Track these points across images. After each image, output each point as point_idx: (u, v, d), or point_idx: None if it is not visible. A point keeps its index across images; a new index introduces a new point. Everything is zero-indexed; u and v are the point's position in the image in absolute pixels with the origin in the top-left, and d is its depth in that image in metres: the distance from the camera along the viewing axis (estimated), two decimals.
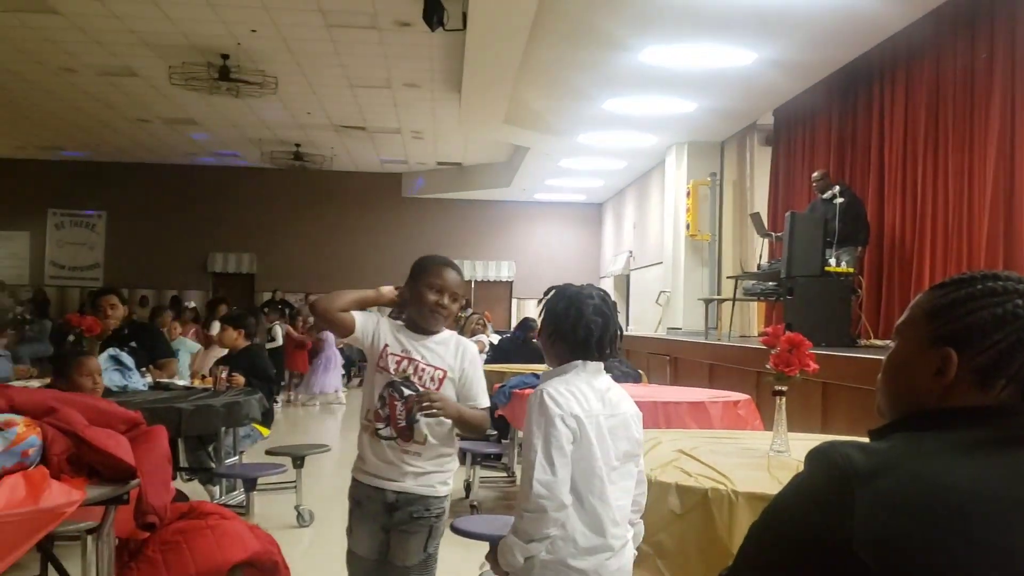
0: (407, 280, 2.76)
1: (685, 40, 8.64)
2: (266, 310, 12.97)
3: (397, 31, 9.79)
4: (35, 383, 4.96)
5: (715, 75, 9.58)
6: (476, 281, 19.88)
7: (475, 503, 6.06)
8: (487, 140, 15.12)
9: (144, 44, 10.63)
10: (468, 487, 6.28)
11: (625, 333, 2.68)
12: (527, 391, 5.97)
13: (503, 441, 7.38)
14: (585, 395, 2.25)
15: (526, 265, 20.03)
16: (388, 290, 2.79)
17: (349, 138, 15.87)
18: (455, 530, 3.60)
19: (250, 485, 5.20)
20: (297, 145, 16.32)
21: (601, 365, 2.34)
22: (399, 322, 2.78)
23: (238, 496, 5.72)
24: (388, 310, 2.98)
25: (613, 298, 2.46)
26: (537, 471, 2.15)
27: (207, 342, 10.88)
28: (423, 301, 2.68)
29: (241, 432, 6.07)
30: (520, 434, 7.48)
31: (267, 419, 6.07)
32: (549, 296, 2.38)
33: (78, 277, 19.27)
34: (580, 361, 2.29)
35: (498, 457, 6.99)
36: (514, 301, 20.18)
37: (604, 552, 2.22)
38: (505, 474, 7.23)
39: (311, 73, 11.68)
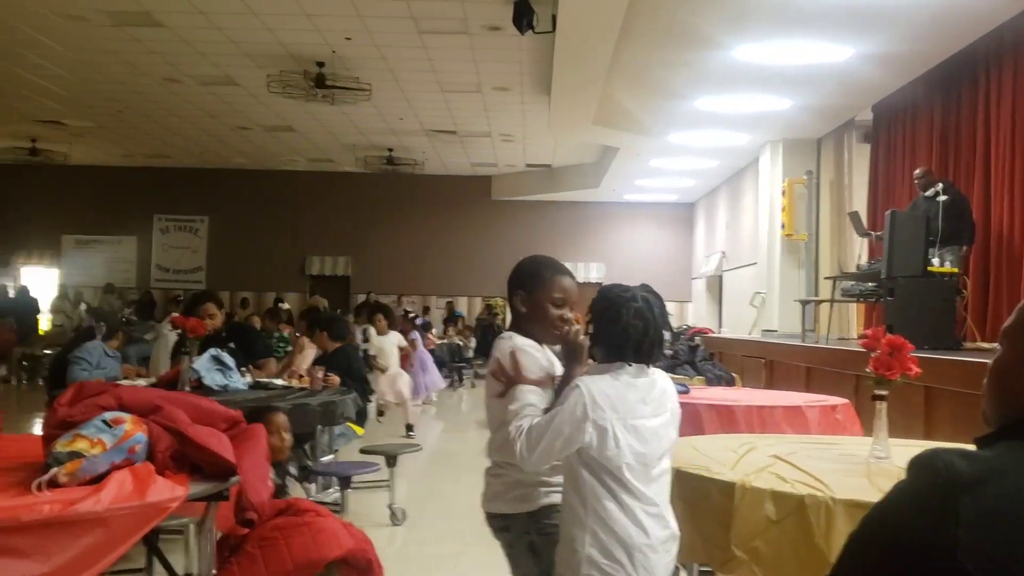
0: (514, 288, 2.59)
1: (779, 36, 8.45)
2: (357, 313, 13.18)
3: (487, 35, 9.87)
4: (141, 382, 5.17)
5: (810, 71, 9.34)
6: None
7: None
8: (576, 141, 15.09)
9: (244, 54, 10.97)
10: None
11: (718, 335, 2.66)
12: None
13: None
14: (624, 398, 2.28)
15: (616, 266, 19.89)
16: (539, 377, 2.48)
17: (440, 142, 16.06)
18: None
19: (345, 483, 5.31)
20: (390, 150, 16.61)
21: (643, 367, 2.35)
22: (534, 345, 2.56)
23: (333, 494, 5.83)
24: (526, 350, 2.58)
25: (662, 301, 2.45)
26: (525, 441, 2.26)
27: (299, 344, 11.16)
28: (547, 317, 2.53)
29: (336, 431, 6.21)
30: None
31: (361, 418, 6.19)
32: (595, 297, 2.40)
33: (182, 280, 20.03)
34: (622, 363, 2.31)
35: None
36: None
37: (647, 548, 2.26)
38: None
39: (403, 79, 11.87)
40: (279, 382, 5.66)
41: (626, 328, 2.30)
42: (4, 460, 2.65)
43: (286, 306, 16.61)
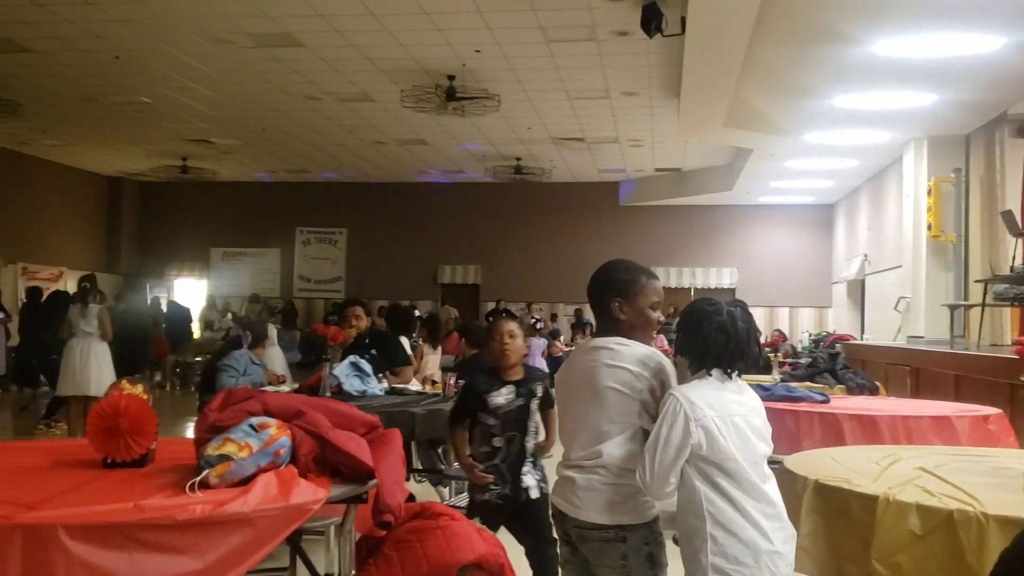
0: (610, 297, 2.64)
1: (922, 29, 8.05)
2: (490, 319, 13.31)
3: (615, 41, 9.83)
4: (284, 388, 5.40)
5: (957, 64, 8.86)
6: (696, 288, 19.50)
7: None
8: (707, 144, 14.83)
9: (379, 70, 11.33)
10: None
11: (860, 342, 2.64)
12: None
13: None
14: (718, 397, 2.42)
15: (750, 271, 19.42)
16: None
17: (567, 149, 16.10)
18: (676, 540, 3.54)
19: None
20: (518, 159, 16.77)
21: (726, 376, 2.48)
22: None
23: (466, 498, 5.92)
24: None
25: (750, 316, 2.58)
26: (642, 467, 2.39)
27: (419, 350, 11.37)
28: (648, 322, 2.64)
29: None
30: None
31: None
32: (683, 309, 2.59)
33: (322, 289, 20.81)
34: (704, 371, 2.47)
35: None
36: None
37: (769, 548, 2.33)
38: None
39: (531, 88, 11.97)
40: (413, 388, 5.80)
41: (707, 340, 2.46)
42: (160, 462, 2.82)
43: (418, 313, 16.98)
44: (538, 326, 14.93)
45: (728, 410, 2.41)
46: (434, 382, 6.21)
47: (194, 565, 2.13)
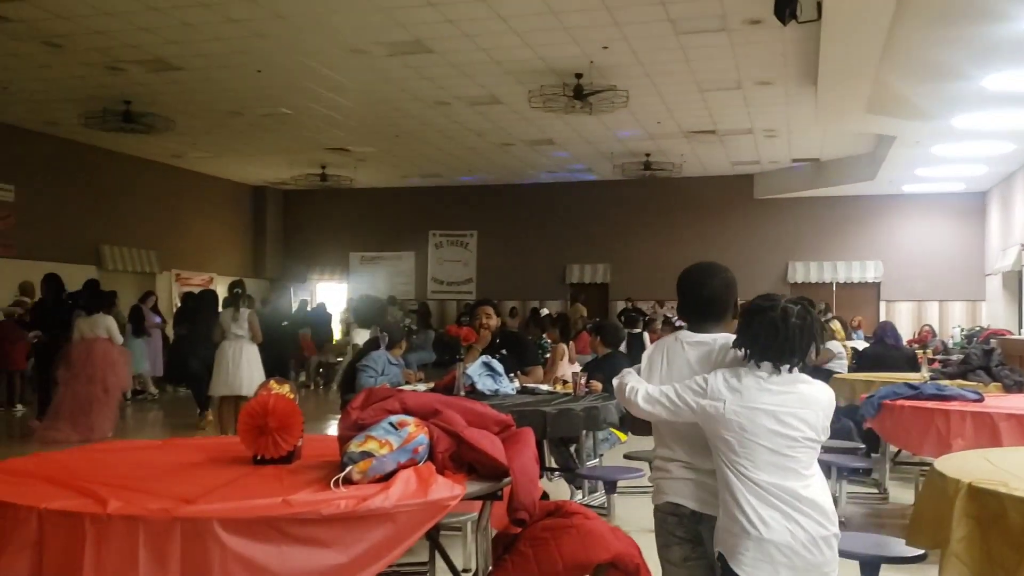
0: (734, 298, 2.95)
1: None
2: (622, 318, 13.27)
3: (747, 30, 9.59)
4: (421, 387, 5.52)
5: None
6: (838, 283, 18.78)
7: (842, 519, 5.71)
8: (847, 132, 14.25)
9: (506, 72, 11.44)
10: (835, 502, 5.93)
11: (1017, 337, 2.53)
12: (899, 402, 5.52)
13: (872, 455, 6.89)
14: (748, 387, 2.63)
15: (895, 264, 18.54)
16: None
17: (699, 143, 15.81)
18: None
19: (610, 488, 5.35)
20: (647, 155, 16.58)
21: (776, 369, 2.67)
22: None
23: (599, 498, 5.91)
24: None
25: (809, 315, 2.71)
26: (646, 392, 2.79)
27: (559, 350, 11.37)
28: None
29: (600, 436, 6.28)
30: (892, 449, 6.93)
31: (625, 425, 6.21)
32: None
33: (454, 291, 21.19)
34: (754, 362, 2.67)
35: (867, 472, 6.53)
36: (882, 304, 18.75)
37: (753, 533, 2.56)
38: (876, 490, 6.73)
39: (661, 82, 11.82)
40: (544, 387, 5.83)
41: (756, 334, 2.66)
42: (306, 458, 2.93)
43: (545, 311, 17.03)
44: (677, 324, 14.71)
45: (755, 400, 2.61)
46: (565, 382, 6.22)
47: (339, 558, 2.21)
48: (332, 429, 9.11)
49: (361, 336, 8.79)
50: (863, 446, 6.69)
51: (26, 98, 13.10)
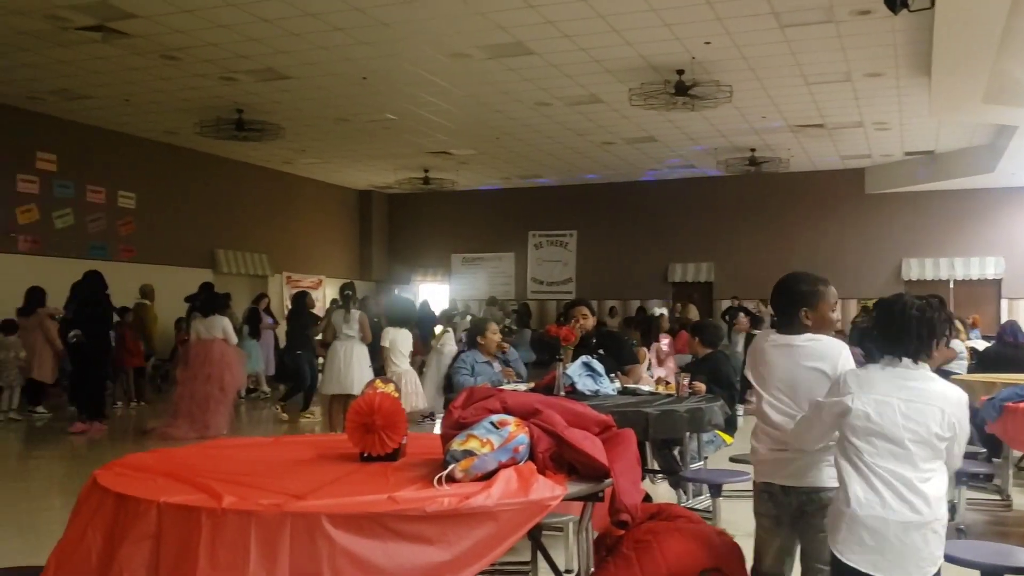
0: (797, 307, 3.21)
1: None
2: (726, 317, 13.03)
3: (855, 20, 9.29)
4: (521, 387, 5.54)
5: None
6: (956, 281, 17.96)
7: (961, 526, 5.47)
8: (963, 123, 13.64)
9: (607, 71, 11.38)
10: (953, 508, 5.69)
11: None
12: (1023, 404, 5.25)
13: (994, 460, 6.57)
14: (874, 379, 2.84)
15: (1019, 260, 17.62)
16: None
17: (806, 137, 15.39)
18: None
19: (715, 491, 5.26)
20: (752, 150, 16.24)
21: (910, 362, 2.84)
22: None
23: (704, 501, 5.81)
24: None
25: (935, 312, 2.86)
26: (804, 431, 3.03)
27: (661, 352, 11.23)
28: (830, 323, 3.25)
29: (704, 438, 6.18)
30: (1015, 454, 6.60)
31: (731, 426, 6.10)
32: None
33: (554, 291, 21.20)
34: (887, 356, 2.86)
35: (988, 478, 6.23)
36: (1003, 302, 17.83)
37: (847, 512, 2.72)
38: (998, 497, 6.42)
39: (765, 76, 11.55)
40: (646, 388, 5.77)
41: (879, 326, 2.90)
42: (411, 456, 2.98)
43: (661, 311, 16.79)
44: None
45: (881, 392, 2.81)
46: (667, 382, 6.14)
47: (443, 555, 2.24)
48: (437, 427, 9.24)
49: (396, 335, 8.87)
50: (984, 450, 6.39)
51: (146, 109, 13.75)
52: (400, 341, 8.65)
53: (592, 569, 2.92)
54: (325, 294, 19.56)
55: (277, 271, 19.20)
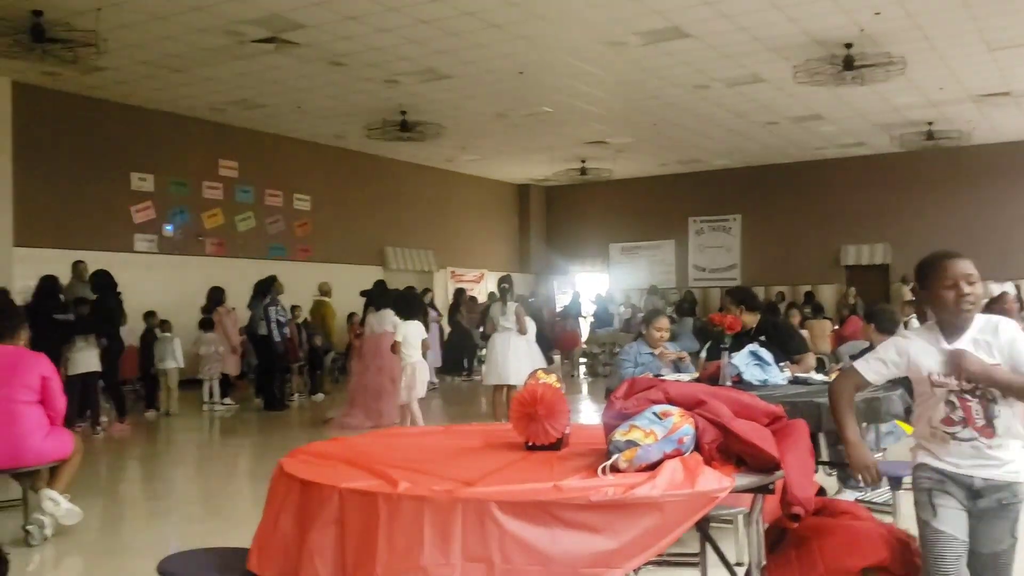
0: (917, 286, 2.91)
1: None
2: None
3: None
4: (685, 377, 5.47)
5: None
6: None
7: None
8: None
9: (768, 49, 11.02)
10: None
11: None
12: None
13: None
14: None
15: None
16: None
17: (990, 107, 14.35)
18: None
19: (895, 484, 5.01)
20: (929, 123, 15.29)
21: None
22: (930, 332, 2.87)
23: (884, 494, 5.55)
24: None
25: None
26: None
27: (837, 339, 10.78)
28: (943, 302, 2.78)
29: (884, 428, 5.90)
30: None
31: (910, 416, 5.79)
32: None
33: (717, 278, 20.74)
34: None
35: None
36: None
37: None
38: None
39: (942, 45, 10.86)
40: (818, 377, 5.56)
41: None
42: (574, 445, 3.01)
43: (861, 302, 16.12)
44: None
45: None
46: (840, 369, 5.89)
47: (608, 544, 2.25)
48: (596, 418, 9.27)
49: (408, 328, 8.81)
50: None
51: (317, 115, 14.46)
52: (412, 334, 8.81)
53: (764, 563, 2.86)
54: (487, 287, 19.96)
55: (442, 266, 19.76)
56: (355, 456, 2.83)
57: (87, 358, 9.46)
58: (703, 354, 6.19)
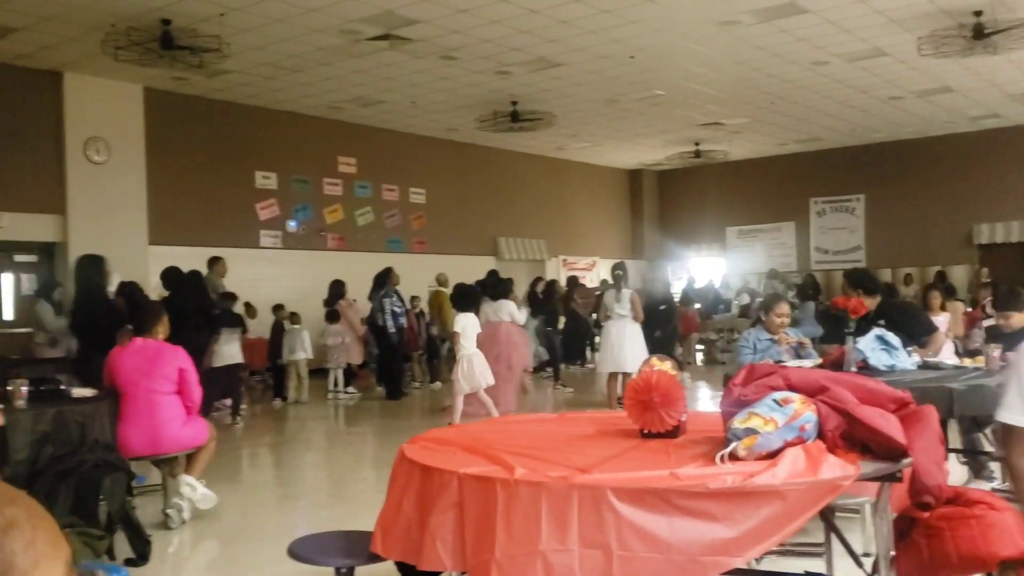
0: None
1: None
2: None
3: None
4: (807, 363, 5.32)
5: None
6: None
7: None
8: None
9: (891, 21, 10.56)
10: None
11: None
12: None
13: None
14: None
15: None
16: None
17: None
18: None
19: None
20: None
21: None
22: None
23: None
24: None
25: None
26: None
27: (970, 322, 10.27)
28: None
29: None
30: None
31: None
32: None
33: (840, 260, 20.03)
34: None
35: None
36: None
37: None
38: None
39: None
40: (949, 362, 5.32)
41: None
42: (690, 433, 2.99)
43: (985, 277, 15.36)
44: None
45: None
46: (975, 354, 5.61)
47: (728, 533, 2.23)
48: (713, 406, 9.12)
49: (465, 321, 8.75)
50: None
51: (430, 109, 14.69)
52: (469, 326, 8.74)
53: (892, 552, 2.77)
54: (599, 275, 19.89)
55: (554, 255, 19.80)
56: (472, 442, 2.89)
57: (230, 350, 9.92)
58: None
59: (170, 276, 9.59)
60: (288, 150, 14.77)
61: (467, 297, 9.33)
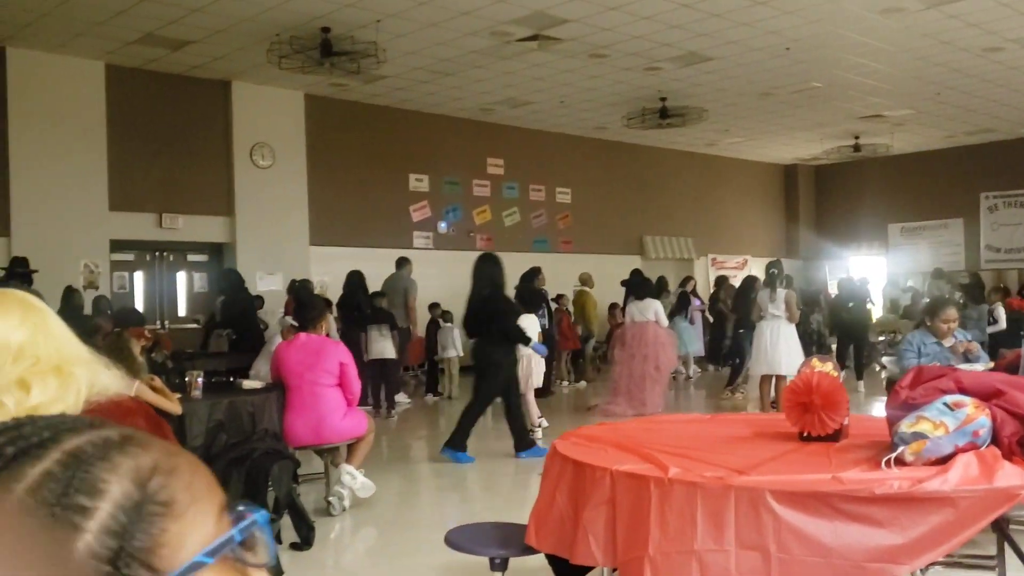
0: None
1: None
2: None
3: None
4: (979, 366, 5.03)
5: None
6: None
7: None
8: None
9: None
10: None
11: None
12: None
13: None
14: None
15: None
16: None
17: None
18: None
19: None
20: None
21: None
22: None
23: None
24: None
25: None
26: None
27: None
28: None
29: None
30: None
31: None
32: None
33: (1016, 259, 18.72)
34: None
35: None
36: None
37: None
38: None
39: None
40: None
41: None
42: (853, 437, 2.89)
43: None
44: None
45: None
46: None
47: (894, 539, 2.14)
48: (876, 410, 8.72)
49: (526, 322, 8.59)
50: None
51: (579, 108, 14.73)
52: (527, 326, 8.52)
53: None
54: (751, 273, 19.36)
55: (702, 254, 19.42)
56: (623, 440, 2.90)
57: (381, 346, 10.36)
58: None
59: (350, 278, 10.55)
60: (440, 153, 15.14)
61: (529, 299, 9.66)
